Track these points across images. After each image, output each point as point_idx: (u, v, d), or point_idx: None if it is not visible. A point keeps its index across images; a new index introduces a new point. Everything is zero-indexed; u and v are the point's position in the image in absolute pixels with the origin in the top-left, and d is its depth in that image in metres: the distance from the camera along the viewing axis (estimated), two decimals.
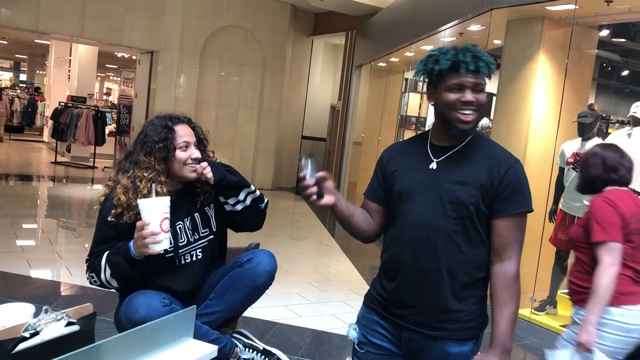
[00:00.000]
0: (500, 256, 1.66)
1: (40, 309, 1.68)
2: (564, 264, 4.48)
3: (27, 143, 15.96)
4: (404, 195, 1.72)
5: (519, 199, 1.66)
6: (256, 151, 10.95)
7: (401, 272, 1.71)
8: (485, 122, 6.10)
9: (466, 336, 1.69)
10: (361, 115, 9.88)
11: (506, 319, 1.63)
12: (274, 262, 2.18)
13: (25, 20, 9.09)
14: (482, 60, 1.61)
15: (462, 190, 1.64)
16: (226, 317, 2.15)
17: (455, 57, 1.59)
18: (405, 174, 1.75)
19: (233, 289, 2.12)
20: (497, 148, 1.74)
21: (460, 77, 1.60)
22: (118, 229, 2.04)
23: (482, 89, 1.64)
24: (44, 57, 19.03)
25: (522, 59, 4.69)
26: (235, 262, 2.19)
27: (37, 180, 10.17)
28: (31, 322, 1.60)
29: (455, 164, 1.68)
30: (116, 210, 2.04)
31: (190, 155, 2.09)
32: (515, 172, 1.67)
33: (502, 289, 1.65)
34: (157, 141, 2.06)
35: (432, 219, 1.66)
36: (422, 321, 1.69)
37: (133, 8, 9.70)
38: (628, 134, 4.38)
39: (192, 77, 10.21)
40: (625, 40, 6.16)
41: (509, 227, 1.66)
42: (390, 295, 1.74)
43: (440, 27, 6.03)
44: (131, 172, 2.07)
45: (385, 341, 1.78)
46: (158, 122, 2.12)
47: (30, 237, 5.93)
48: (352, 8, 9.78)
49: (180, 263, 2.14)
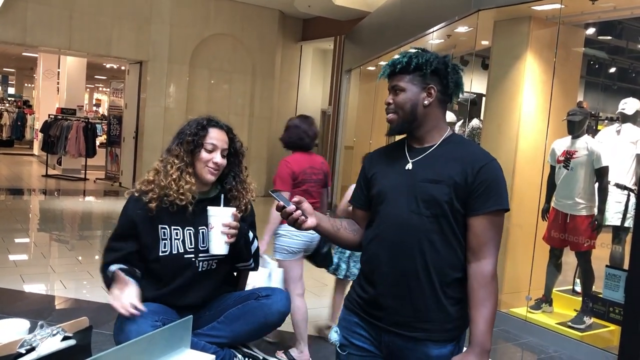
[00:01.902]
0: (476, 255, 1.65)
1: (35, 324, 1.67)
2: (558, 261, 4.50)
3: (17, 157, 15.87)
4: (381, 196, 1.74)
5: (493, 196, 1.64)
6: (248, 158, 10.85)
7: (379, 272, 1.71)
8: (476, 123, 6.13)
9: (446, 338, 1.68)
10: (352, 119, 9.90)
11: (484, 318, 1.62)
12: (289, 304, 2.19)
13: (12, 33, 9.06)
14: (389, 64, 1.72)
15: (435, 189, 1.64)
16: (228, 344, 2.14)
17: (383, 67, 1.76)
18: (383, 175, 1.77)
19: (243, 319, 2.12)
20: (473, 147, 1.76)
21: (388, 84, 1.76)
22: (135, 224, 2.12)
23: (400, 89, 1.71)
24: (32, 70, 18.94)
25: (510, 59, 4.72)
26: (253, 293, 2.20)
27: (28, 193, 10.11)
28: (27, 338, 1.58)
29: (430, 163, 1.70)
30: (142, 186, 2.14)
31: (212, 158, 2.15)
32: (490, 170, 1.65)
33: (479, 289, 1.64)
34: (188, 134, 2.15)
35: (407, 218, 1.66)
36: (401, 321, 1.68)
37: (120, 19, 9.69)
38: (617, 131, 4.42)
39: (181, 86, 10.20)
40: (611, 37, 6.22)
41: (484, 225, 1.64)
42: (369, 296, 1.74)
43: (428, 30, 6.06)
44: (164, 157, 2.18)
45: (366, 343, 1.77)
46: (199, 119, 2.22)
47: (23, 252, 5.89)
48: (339, 13, 9.80)
49: (198, 270, 2.17)
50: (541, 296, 4.53)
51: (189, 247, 2.12)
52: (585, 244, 4.26)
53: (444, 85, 1.72)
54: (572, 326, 4.17)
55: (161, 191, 2.09)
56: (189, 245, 2.13)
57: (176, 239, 2.12)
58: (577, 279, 4.70)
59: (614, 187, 4.26)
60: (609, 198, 4.23)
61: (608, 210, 4.24)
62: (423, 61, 1.68)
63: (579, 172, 4.31)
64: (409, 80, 1.70)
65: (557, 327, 4.22)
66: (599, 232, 4.25)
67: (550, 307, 4.53)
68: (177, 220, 2.12)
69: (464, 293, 1.69)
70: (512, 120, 4.69)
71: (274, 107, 11.36)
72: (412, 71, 1.69)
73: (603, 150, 4.25)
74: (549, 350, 4.04)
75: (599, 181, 4.25)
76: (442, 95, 1.73)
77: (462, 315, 1.70)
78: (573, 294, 4.73)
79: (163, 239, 2.11)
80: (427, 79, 1.70)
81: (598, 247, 4.27)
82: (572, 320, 4.21)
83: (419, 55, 1.70)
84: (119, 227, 2.16)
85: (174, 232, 2.12)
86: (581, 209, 4.32)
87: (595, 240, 4.26)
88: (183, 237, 2.13)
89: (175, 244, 2.12)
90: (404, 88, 1.70)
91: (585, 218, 4.30)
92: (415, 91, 1.70)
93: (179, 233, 2.12)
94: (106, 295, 4.71)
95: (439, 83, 1.71)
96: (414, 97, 1.70)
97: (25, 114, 16.91)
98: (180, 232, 2.12)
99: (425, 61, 1.68)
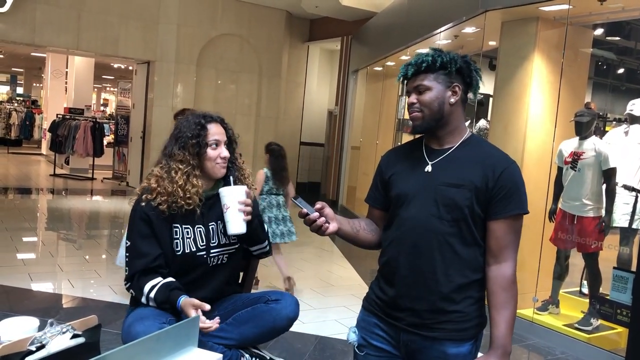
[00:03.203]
0: (496, 258, 1.66)
1: (44, 322, 1.68)
2: (565, 263, 4.49)
3: (25, 156, 15.96)
4: (400, 199, 1.74)
5: (514, 201, 1.65)
6: (254, 158, 10.94)
7: (398, 274, 1.71)
8: (483, 124, 6.12)
9: (464, 337, 1.69)
10: (358, 119, 9.90)
11: (505, 321, 1.63)
12: (297, 310, 2.18)
13: (21, 33, 9.11)
14: (413, 64, 1.70)
15: (456, 193, 1.64)
16: (235, 346, 2.15)
17: (402, 68, 1.74)
18: (402, 178, 1.76)
19: (252, 322, 2.13)
20: (492, 149, 1.75)
21: (406, 85, 1.75)
22: (150, 220, 2.08)
23: (426, 88, 1.68)
24: (41, 70, 19.04)
25: (518, 59, 4.71)
26: (262, 296, 2.20)
27: (36, 193, 10.17)
28: (37, 336, 1.60)
29: (449, 166, 1.69)
30: (148, 195, 2.11)
31: (219, 154, 2.15)
32: (510, 174, 1.66)
33: (500, 292, 1.65)
34: (190, 137, 2.13)
35: (427, 221, 1.66)
36: (420, 323, 1.69)
37: (128, 19, 9.73)
38: (625, 132, 4.39)
39: (188, 86, 10.23)
40: (619, 38, 6.19)
41: (504, 229, 1.66)
42: (388, 298, 1.75)
43: (435, 30, 6.05)
44: (164, 163, 2.16)
45: (384, 343, 1.78)
46: (192, 119, 2.19)
47: (31, 251, 5.92)
48: (346, 13, 9.81)
49: (209, 265, 2.18)
50: (548, 298, 4.51)
51: (200, 244, 2.13)
52: (593, 245, 4.24)
53: (466, 84, 1.72)
54: (579, 328, 4.16)
55: (169, 197, 2.08)
56: (200, 243, 2.15)
57: (188, 237, 2.13)
58: (584, 281, 4.68)
59: (621, 188, 4.24)
60: (617, 199, 4.21)
61: (615, 212, 4.22)
62: (448, 59, 1.67)
63: (586, 173, 4.30)
64: (434, 79, 1.68)
65: (564, 328, 4.20)
66: (606, 233, 4.23)
67: (557, 309, 4.52)
68: (187, 219, 2.12)
69: (482, 292, 1.70)
70: (520, 121, 4.67)
71: (281, 107, 11.37)
72: (437, 70, 1.68)
73: (611, 152, 4.23)
74: (555, 352, 4.02)
75: (607, 182, 4.23)
76: (465, 94, 1.73)
77: (480, 314, 1.72)
78: (580, 295, 4.71)
79: (175, 238, 2.12)
80: (452, 78, 1.69)
81: (605, 248, 4.25)
82: (579, 322, 4.20)
83: (442, 54, 1.69)
84: (136, 228, 2.10)
85: (184, 230, 2.13)
86: (588, 210, 4.30)
87: (602, 241, 4.24)
88: (194, 235, 2.14)
89: (188, 242, 2.13)
90: (430, 87, 1.68)
91: (593, 219, 4.28)
92: (441, 89, 1.68)
93: (189, 232, 2.13)
94: (113, 294, 4.75)
95: (462, 82, 1.71)
96: (440, 96, 1.68)
97: (33, 113, 16.99)
98: (190, 231, 2.13)
99: (450, 59, 1.68)
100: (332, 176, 10.78)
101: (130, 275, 2.11)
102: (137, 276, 2.08)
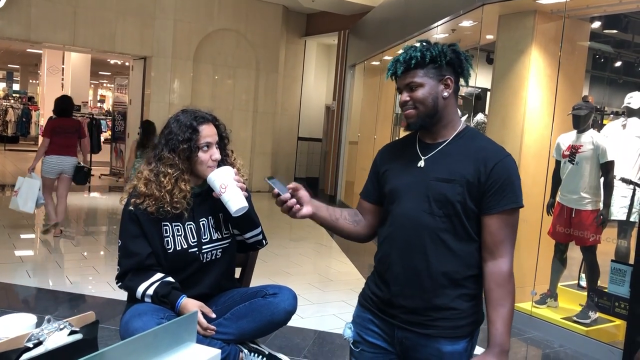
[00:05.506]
0: (492, 254, 1.62)
1: (42, 319, 1.67)
2: (563, 256, 4.49)
3: (22, 153, 15.90)
4: (393, 195, 1.71)
5: (507, 195, 1.60)
6: (252, 154, 10.94)
7: (391, 271, 1.69)
8: (481, 118, 6.11)
9: (459, 334, 1.66)
10: (356, 114, 9.89)
11: (502, 319, 1.59)
12: (295, 304, 2.18)
13: (16, 29, 9.07)
14: (402, 61, 1.64)
15: (447, 188, 1.61)
16: (233, 341, 2.15)
17: (390, 65, 1.69)
18: (396, 173, 1.74)
19: (250, 317, 2.13)
20: (486, 142, 1.70)
21: (397, 82, 1.70)
22: (140, 221, 2.09)
23: (418, 84, 1.64)
24: (37, 67, 18.98)
25: (515, 53, 4.70)
26: (260, 290, 2.20)
27: None
28: (34, 332, 1.59)
29: (442, 160, 1.66)
30: (136, 199, 2.09)
31: (211, 156, 2.13)
32: (503, 167, 1.61)
33: (496, 288, 1.60)
34: (181, 141, 2.10)
35: (420, 217, 1.64)
36: (414, 320, 1.67)
37: (124, 14, 9.69)
38: (623, 125, 4.39)
39: (185, 82, 10.20)
40: (617, 31, 6.17)
41: (499, 224, 1.61)
42: (383, 294, 1.73)
43: (432, 24, 6.04)
44: (154, 166, 2.13)
45: (379, 339, 1.77)
46: (184, 119, 2.15)
47: (28, 247, 5.92)
48: (343, 7, 9.79)
49: (203, 262, 2.18)
50: (546, 291, 4.52)
51: (191, 241, 2.13)
52: (591, 238, 4.24)
53: (458, 75, 1.68)
54: (577, 321, 4.17)
55: (157, 202, 2.07)
56: (191, 239, 2.14)
57: (178, 235, 2.12)
58: (582, 274, 4.69)
59: (619, 181, 4.24)
60: (615, 192, 4.21)
61: (613, 205, 4.22)
62: (437, 53, 1.63)
63: (584, 166, 4.30)
64: (424, 75, 1.63)
65: (562, 321, 4.21)
66: (604, 226, 4.24)
67: (556, 302, 4.53)
68: (176, 217, 2.12)
69: (479, 289, 1.67)
70: (517, 115, 4.67)
71: (278, 102, 11.36)
72: (427, 65, 1.63)
73: (609, 145, 4.23)
74: (554, 345, 4.03)
75: (605, 176, 4.23)
76: (456, 85, 1.69)
77: (476, 311, 1.69)
78: (578, 288, 4.72)
79: (165, 236, 2.11)
80: (443, 71, 1.65)
81: (603, 241, 4.25)
82: (578, 315, 4.21)
83: (430, 47, 1.64)
84: (125, 229, 2.12)
85: (175, 228, 2.12)
86: (586, 203, 4.31)
87: (600, 235, 4.24)
88: (184, 232, 2.13)
89: (178, 240, 2.12)
90: (421, 83, 1.64)
91: (591, 213, 4.28)
92: (433, 84, 1.64)
93: (180, 229, 2.13)
94: (111, 290, 4.74)
95: (453, 73, 1.67)
96: (433, 91, 1.64)
97: (30, 110, 16.93)
98: (181, 228, 2.13)
99: (439, 52, 1.63)
100: (330, 171, 10.77)
101: (121, 274, 2.13)
102: (130, 275, 2.11)
